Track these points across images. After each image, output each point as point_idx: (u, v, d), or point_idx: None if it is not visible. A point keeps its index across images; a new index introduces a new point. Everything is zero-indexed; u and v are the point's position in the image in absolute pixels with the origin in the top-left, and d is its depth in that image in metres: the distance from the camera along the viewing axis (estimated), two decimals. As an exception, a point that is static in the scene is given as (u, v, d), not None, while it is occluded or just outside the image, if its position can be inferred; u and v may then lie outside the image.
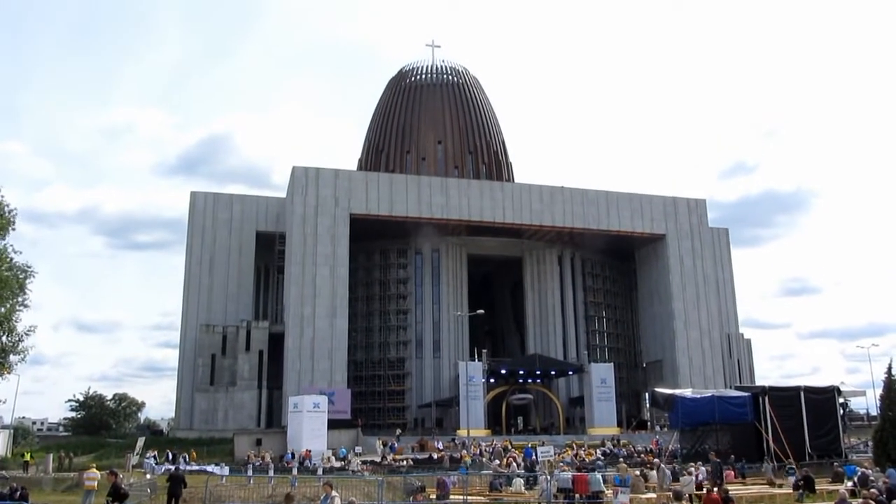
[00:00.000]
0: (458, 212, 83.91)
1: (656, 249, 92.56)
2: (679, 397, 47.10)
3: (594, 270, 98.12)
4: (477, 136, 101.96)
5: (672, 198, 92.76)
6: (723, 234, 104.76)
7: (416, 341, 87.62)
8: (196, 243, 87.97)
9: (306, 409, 59.27)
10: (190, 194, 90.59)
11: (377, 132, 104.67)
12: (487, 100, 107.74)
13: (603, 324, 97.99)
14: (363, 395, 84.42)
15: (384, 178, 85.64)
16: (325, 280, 78.36)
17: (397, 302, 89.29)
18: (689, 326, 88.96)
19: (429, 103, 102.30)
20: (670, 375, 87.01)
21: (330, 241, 79.44)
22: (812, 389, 45.77)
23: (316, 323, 77.05)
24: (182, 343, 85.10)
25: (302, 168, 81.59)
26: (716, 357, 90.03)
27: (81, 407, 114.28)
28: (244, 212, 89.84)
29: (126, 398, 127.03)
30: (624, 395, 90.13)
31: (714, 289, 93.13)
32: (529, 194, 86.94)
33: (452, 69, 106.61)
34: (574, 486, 30.54)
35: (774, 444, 41.60)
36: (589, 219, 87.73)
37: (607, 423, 76.92)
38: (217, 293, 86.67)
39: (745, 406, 44.11)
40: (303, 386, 72.38)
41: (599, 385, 78.73)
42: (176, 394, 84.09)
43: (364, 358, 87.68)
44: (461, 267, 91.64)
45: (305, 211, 79.67)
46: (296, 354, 75.97)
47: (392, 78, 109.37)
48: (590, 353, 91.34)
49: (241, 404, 79.32)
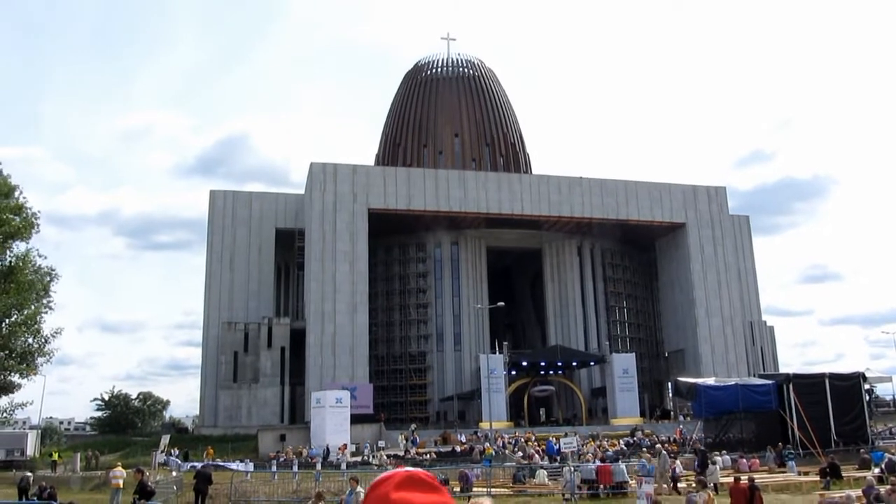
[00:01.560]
0: (476, 205, 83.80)
1: (676, 238, 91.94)
2: (702, 386, 46.93)
3: (614, 260, 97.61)
4: (494, 128, 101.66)
5: (692, 186, 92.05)
6: (743, 221, 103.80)
7: (436, 335, 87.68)
8: (216, 241, 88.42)
9: (329, 405, 59.57)
10: (209, 193, 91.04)
11: (394, 126, 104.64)
12: (504, 92, 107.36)
13: (624, 314, 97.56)
14: (385, 390, 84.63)
15: (402, 173, 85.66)
16: (344, 276, 78.60)
17: (417, 296, 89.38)
18: (710, 315, 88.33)
19: (445, 96, 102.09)
20: (692, 364, 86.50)
21: (349, 237, 79.65)
22: (837, 376, 45.38)
23: (337, 319, 77.35)
24: (204, 341, 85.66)
25: (320, 164, 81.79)
26: (738, 345, 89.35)
27: (107, 406, 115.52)
28: (263, 209, 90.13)
29: (151, 397, 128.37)
30: (646, 384, 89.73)
31: (735, 276, 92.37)
32: (548, 186, 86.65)
33: (468, 62, 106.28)
34: (598, 476, 30.54)
35: (800, 432, 41.34)
36: (608, 209, 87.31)
37: (630, 414, 76.61)
38: (238, 291, 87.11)
39: (769, 394, 43.88)
40: (325, 381, 72.71)
41: (621, 375, 78.40)
42: (200, 391, 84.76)
43: (385, 352, 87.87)
44: (480, 260, 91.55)
45: (324, 207, 79.90)
46: (317, 350, 76.31)
47: (408, 72, 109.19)
48: (611, 344, 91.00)
49: (265, 401, 79.74)
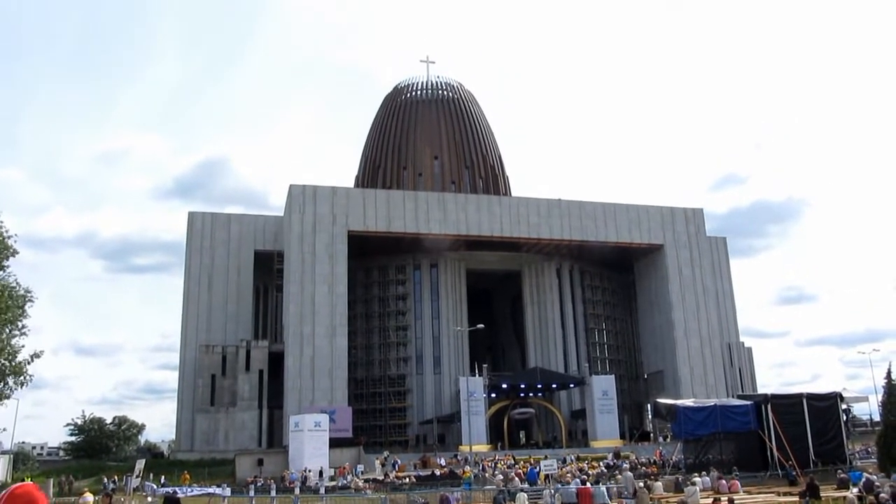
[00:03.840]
0: (455, 227, 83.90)
1: (655, 260, 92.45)
2: (681, 407, 46.95)
3: (593, 282, 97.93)
4: (473, 150, 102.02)
5: (669, 208, 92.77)
6: (721, 243, 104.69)
7: (416, 357, 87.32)
8: (195, 263, 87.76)
9: (307, 429, 59.01)
10: (188, 214, 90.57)
11: (374, 149, 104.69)
12: (483, 114, 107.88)
13: (603, 335, 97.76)
14: (364, 413, 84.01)
15: (381, 195, 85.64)
16: (324, 298, 78.20)
17: (397, 318, 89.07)
18: (689, 336, 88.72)
19: (424, 119, 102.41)
20: (672, 385, 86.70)
21: (328, 259, 79.35)
22: (814, 396, 45.68)
23: (315, 341, 76.84)
24: (182, 364, 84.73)
25: (299, 186, 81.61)
26: (717, 366, 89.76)
27: (81, 431, 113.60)
28: (242, 231, 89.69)
29: (126, 421, 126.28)
30: (626, 406, 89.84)
31: (713, 298, 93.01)
32: (527, 208, 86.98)
33: (447, 84, 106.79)
34: (578, 499, 30.40)
35: (779, 452, 41.47)
36: (587, 231, 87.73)
37: (610, 436, 76.60)
38: (216, 313, 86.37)
39: (747, 415, 44.02)
40: (303, 405, 72.08)
41: (601, 397, 78.46)
42: (176, 415, 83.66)
43: (364, 375, 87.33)
44: (460, 282, 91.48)
45: (303, 229, 79.62)
46: (296, 373, 75.70)
47: (387, 94, 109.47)
48: (591, 366, 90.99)
49: (242, 424, 78.88)
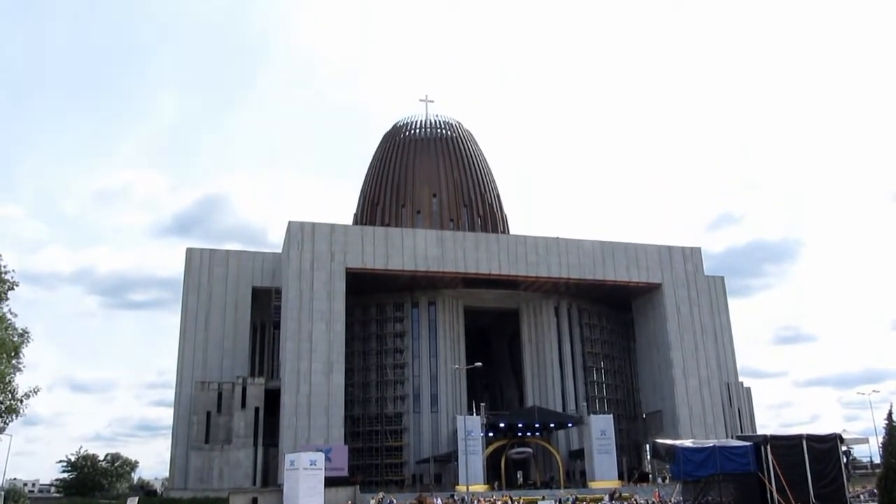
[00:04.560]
0: (453, 265, 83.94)
1: (653, 298, 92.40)
2: (680, 448, 46.49)
3: (591, 321, 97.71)
4: (471, 188, 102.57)
5: (667, 247, 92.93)
6: (718, 282, 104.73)
7: (413, 395, 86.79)
8: (192, 299, 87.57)
9: (303, 467, 58.30)
10: (186, 250, 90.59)
11: (372, 186, 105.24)
12: (481, 153, 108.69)
13: (601, 374, 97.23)
14: (360, 452, 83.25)
15: (379, 232, 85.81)
16: (321, 335, 77.94)
17: (394, 356, 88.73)
18: (688, 375, 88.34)
19: (423, 157, 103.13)
20: (671, 426, 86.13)
21: (326, 296, 79.26)
22: (814, 438, 45.28)
23: (312, 379, 76.41)
24: (177, 400, 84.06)
25: (298, 223, 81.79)
26: (716, 406, 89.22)
27: (73, 468, 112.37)
28: (240, 267, 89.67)
29: (119, 458, 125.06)
30: (624, 446, 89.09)
31: (712, 337, 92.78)
32: (525, 246, 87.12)
33: (446, 123, 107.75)
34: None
35: (778, 495, 41.06)
36: (584, 269, 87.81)
37: (608, 476, 75.87)
38: (213, 349, 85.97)
39: (746, 456, 43.58)
40: (299, 443, 71.45)
41: (599, 437, 77.87)
42: (170, 452, 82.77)
43: (361, 413, 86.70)
44: (458, 320, 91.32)
45: (301, 266, 79.64)
46: (292, 411, 75.15)
47: (386, 132, 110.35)
48: (589, 405, 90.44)
49: (237, 462, 78.02)
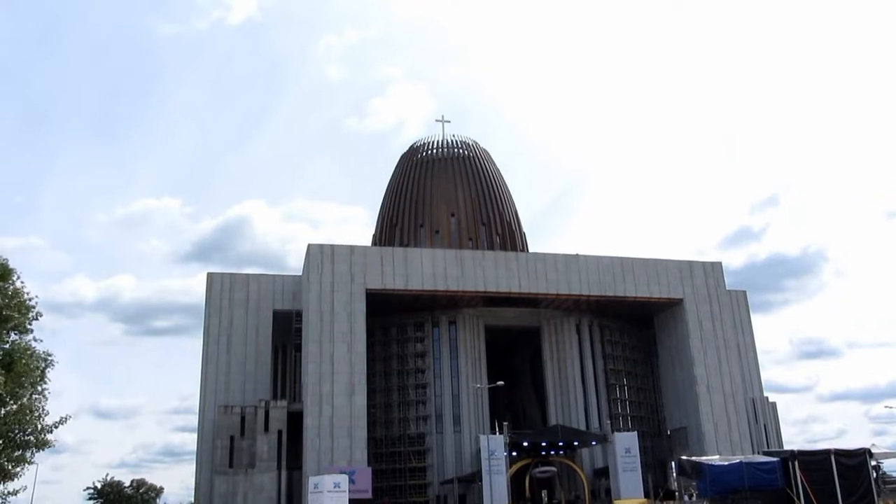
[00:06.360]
0: (473, 283, 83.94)
1: (675, 314, 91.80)
2: (706, 465, 46.09)
3: (613, 338, 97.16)
4: (489, 207, 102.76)
5: (688, 262, 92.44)
6: (741, 296, 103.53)
7: (435, 416, 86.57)
8: (213, 324, 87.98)
9: (327, 490, 58.20)
10: (207, 275, 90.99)
11: (390, 207, 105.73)
12: (498, 171, 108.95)
13: (625, 391, 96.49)
14: (384, 473, 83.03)
15: (399, 253, 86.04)
16: (342, 357, 78.07)
17: (416, 376, 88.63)
18: (712, 391, 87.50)
19: (440, 177, 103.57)
20: (696, 442, 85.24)
21: (347, 318, 79.45)
22: (842, 452, 44.70)
23: (335, 401, 76.45)
24: (200, 425, 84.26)
25: (317, 245, 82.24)
26: (741, 422, 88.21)
27: (100, 495, 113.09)
28: (261, 291, 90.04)
29: (144, 484, 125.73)
30: (649, 464, 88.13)
31: (735, 352, 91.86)
32: (544, 264, 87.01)
33: (462, 143, 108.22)
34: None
35: (808, 511, 40.51)
36: (605, 286, 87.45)
37: (634, 494, 74.94)
38: (235, 373, 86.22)
39: (774, 472, 43.16)
40: (323, 465, 71.41)
41: (624, 455, 77.08)
42: (195, 477, 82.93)
43: (384, 434, 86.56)
44: (479, 339, 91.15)
45: (321, 288, 79.97)
46: (315, 433, 75.18)
47: (404, 154, 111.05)
48: (612, 422, 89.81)
49: (261, 486, 77.93)
